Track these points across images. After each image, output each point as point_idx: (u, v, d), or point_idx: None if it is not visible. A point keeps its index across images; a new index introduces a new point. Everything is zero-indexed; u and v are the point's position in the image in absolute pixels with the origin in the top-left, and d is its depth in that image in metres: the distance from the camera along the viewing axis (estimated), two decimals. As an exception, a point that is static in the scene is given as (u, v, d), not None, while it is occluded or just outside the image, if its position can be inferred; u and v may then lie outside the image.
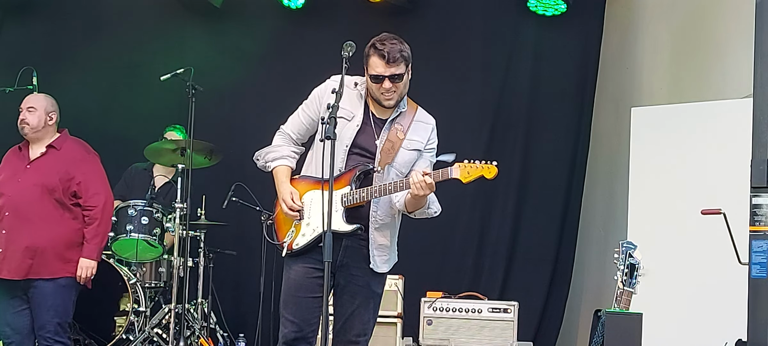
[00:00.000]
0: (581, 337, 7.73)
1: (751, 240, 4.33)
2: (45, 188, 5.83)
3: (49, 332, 5.79)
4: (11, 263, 5.76)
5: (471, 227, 7.96)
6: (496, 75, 7.97)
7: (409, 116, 4.59)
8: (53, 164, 5.92)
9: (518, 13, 7.85)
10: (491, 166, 4.40)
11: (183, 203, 6.88)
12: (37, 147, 5.98)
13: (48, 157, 5.96)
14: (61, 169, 5.89)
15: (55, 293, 5.82)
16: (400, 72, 4.45)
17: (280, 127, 4.75)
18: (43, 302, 5.80)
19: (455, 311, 6.94)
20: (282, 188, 4.60)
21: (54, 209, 5.84)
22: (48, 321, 5.80)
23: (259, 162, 4.74)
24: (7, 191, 5.87)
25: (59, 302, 5.84)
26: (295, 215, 4.54)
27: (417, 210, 4.55)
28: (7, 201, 5.83)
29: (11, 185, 5.88)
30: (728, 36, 6.77)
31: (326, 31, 7.70)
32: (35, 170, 5.90)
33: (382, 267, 4.62)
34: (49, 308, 5.81)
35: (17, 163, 5.97)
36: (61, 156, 5.96)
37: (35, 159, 5.95)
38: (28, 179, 5.87)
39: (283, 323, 4.57)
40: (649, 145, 6.77)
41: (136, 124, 7.63)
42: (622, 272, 4.73)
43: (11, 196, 5.83)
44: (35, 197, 5.82)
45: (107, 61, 7.88)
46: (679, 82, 7.38)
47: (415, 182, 4.35)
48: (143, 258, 7.21)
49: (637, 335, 4.63)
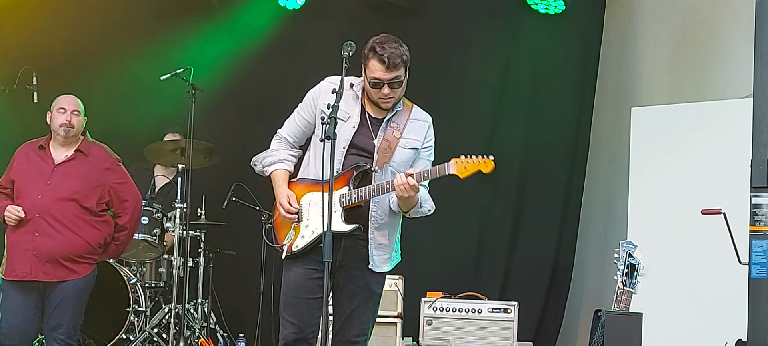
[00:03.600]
0: (581, 337, 7.73)
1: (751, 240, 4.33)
2: (76, 194, 5.76)
3: (62, 334, 5.75)
4: (47, 266, 5.70)
5: (471, 227, 7.96)
6: (496, 74, 7.97)
7: (405, 115, 4.59)
8: (83, 171, 5.85)
9: (519, 12, 7.85)
10: (488, 161, 4.39)
11: (183, 203, 6.88)
12: (63, 149, 5.88)
13: (77, 162, 5.86)
14: (91, 177, 5.84)
15: (75, 296, 5.79)
16: (400, 77, 4.45)
17: (277, 131, 4.75)
18: (63, 304, 5.74)
19: (455, 311, 6.94)
20: (279, 192, 4.61)
21: (82, 214, 5.78)
22: (63, 322, 5.75)
23: (257, 167, 4.74)
24: (33, 192, 5.75)
25: (77, 304, 5.82)
26: (292, 217, 4.54)
27: (410, 209, 4.55)
28: (37, 203, 5.72)
29: (38, 186, 5.76)
30: (728, 36, 6.77)
31: (326, 31, 7.70)
32: (65, 175, 5.80)
33: (382, 266, 4.62)
34: (68, 310, 5.77)
35: (41, 164, 5.84)
36: (90, 163, 5.89)
37: (63, 162, 5.85)
38: (58, 183, 5.77)
39: (284, 325, 4.57)
40: (649, 145, 6.77)
41: (137, 124, 7.63)
42: (622, 272, 4.73)
43: (41, 199, 5.72)
44: (66, 201, 5.74)
45: (107, 60, 7.87)
46: (679, 82, 7.38)
47: (398, 184, 4.35)
48: (143, 258, 7.21)
49: (637, 335, 4.63)
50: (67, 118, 5.84)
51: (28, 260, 5.68)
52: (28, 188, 5.79)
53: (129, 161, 7.59)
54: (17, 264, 5.71)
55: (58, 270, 5.71)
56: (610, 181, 7.86)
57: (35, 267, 5.69)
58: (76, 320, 5.86)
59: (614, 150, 7.73)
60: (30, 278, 5.69)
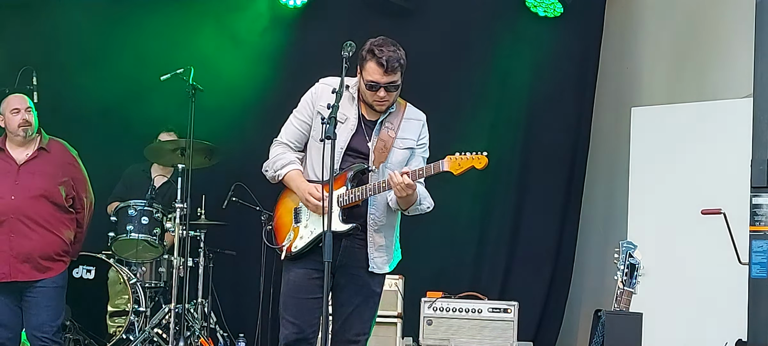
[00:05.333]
0: (581, 337, 7.73)
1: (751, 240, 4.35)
2: (46, 191, 5.78)
3: (46, 333, 5.77)
4: (16, 267, 5.71)
5: (471, 227, 7.96)
6: (496, 75, 7.96)
7: (399, 115, 4.58)
8: (48, 168, 5.86)
9: (518, 13, 7.84)
10: (481, 157, 4.37)
11: (183, 203, 6.88)
12: (22, 149, 5.87)
13: (41, 160, 5.87)
14: (57, 173, 5.86)
15: (53, 294, 5.82)
16: (396, 82, 4.44)
17: (274, 139, 4.70)
18: (42, 302, 5.78)
19: (455, 311, 6.94)
20: (302, 188, 4.53)
21: (53, 212, 5.80)
22: (46, 322, 5.78)
23: (269, 173, 4.68)
24: (4, 194, 5.73)
25: (56, 302, 5.85)
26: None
27: (409, 207, 4.54)
28: (10, 205, 5.71)
29: (7, 188, 5.75)
30: (728, 36, 6.77)
31: (326, 31, 7.70)
32: (31, 174, 5.80)
33: (383, 268, 4.62)
34: (48, 308, 5.79)
35: (3, 165, 5.82)
36: (54, 160, 5.90)
37: (26, 161, 5.84)
38: (27, 182, 5.78)
39: (284, 325, 4.56)
40: (649, 145, 6.77)
41: (136, 124, 7.62)
42: (622, 272, 4.73)
43: (14, 199, 5.72)
44: (38, 199, 5.76)
45: (107, 60, 7.86)
46: (679, 82, 7.38)
47: (395, 183, 4.34)
48: (143, 258, 7.21)
49: (637, 335, 4.63)
50: (23, 117, 5.83)
51: (6, 261, 5.70)
52: None
53: (128, 162, 7.63)
54: None
55: (34, 270, 5.73)
56: (610, 181, 7.86)
57: (14, 268, 5.71)
58: (60, 318, 5.90)
59: (614, 150, 7.73)
60: (8, 278, 5.71)
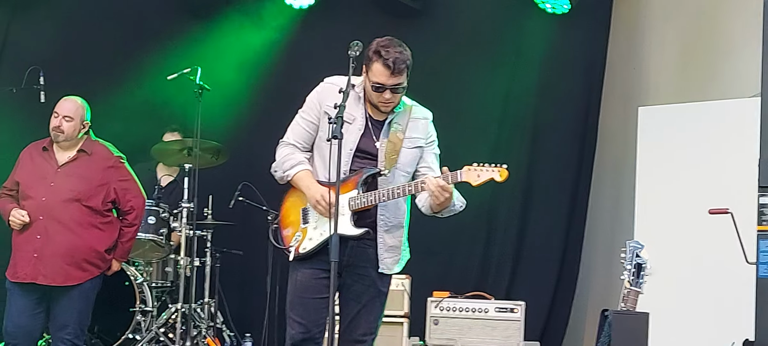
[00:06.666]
0: (588, 337, 7.72)
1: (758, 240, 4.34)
2: (80, 194, 5.77)
3: (69, 335, 5.76)
4: (47, 269, 5.70)
5: (478, 227, 7.96)
6: (503, 74, 7.97)
7: (406, 115, 4.55)
8: (86, 171, 5.85)
9: (526, 12, 7.84)
10: (501, 169, 4.36)
11: (190, 203, 6.89)
12: (65, 151, 5.88)
13: (80, 162, 5.87)
14: (95, 177, 5.85)
15: (81, 297, 5.80)
16: (402, 83, 4.43)
17: (281, 140, 4.66)
18: (69, 305, 5.76)
19: (462, 311, 6.94)
20: (313, 189, 4.49)
21: (87, 215, 5.79)
22: (70, 323, 5.77)
23: (278, 174, 4.64)
24: (37, 194, 5.76)
25: (84, 305, 5.84)
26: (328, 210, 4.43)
27: (444, 209, 4.52)
28: (41, 206, 5.73)
29: (42, 188, 5.77)
30: (735, 35, 6.77)
31: (334, 30, 7.70)
32: (68, 176, 5.81)
33: (393, 269, 4.61)
34: (74, 311, 5.78)
35: (44, 165, 5.84)
36: (93, 162, 5.89)
37: (66, 163, 5.85)
38: (62, 184, 5.78)
39: (291, 325, 4.56)
40: (656, 144, 6.77)
41: (142, 123, 7.63)
42: (629, 272, 4.72)
43: (45, 201, 5.73)
44: (70, 203, 5.75)
45: (113, 60, 7.88)
46: (686, 81, 7.37)
47: (433, 192, 4.32)
48: (150, 258, 7.22)
49: (643, 335, 4.62)
50: (57, 124, 5.83)
51: (30, 262, 5.71)
52: (32, 190, 5.80)
53: (134, 161, 7.63)
54: (19, 266, 5.74)
55: (57, 275, 5.71)
56: (616, 180, 7.86)
57: (35, 269, 5.71)
58: (83, 320, 5.87)
59: (621, 149, 7.73)
60: (29, 279, 5.72)
